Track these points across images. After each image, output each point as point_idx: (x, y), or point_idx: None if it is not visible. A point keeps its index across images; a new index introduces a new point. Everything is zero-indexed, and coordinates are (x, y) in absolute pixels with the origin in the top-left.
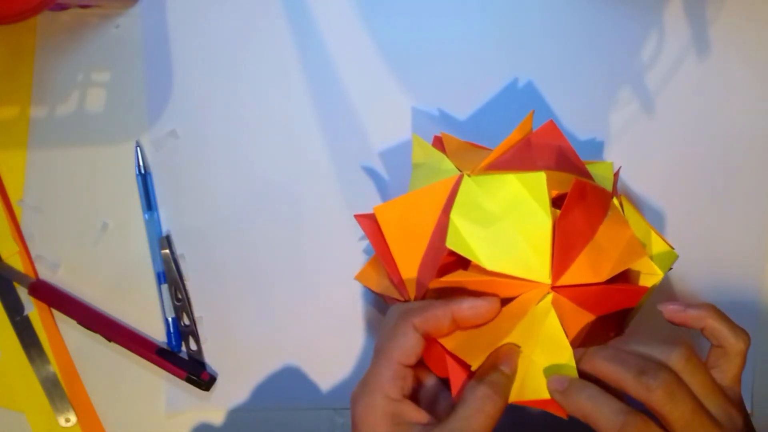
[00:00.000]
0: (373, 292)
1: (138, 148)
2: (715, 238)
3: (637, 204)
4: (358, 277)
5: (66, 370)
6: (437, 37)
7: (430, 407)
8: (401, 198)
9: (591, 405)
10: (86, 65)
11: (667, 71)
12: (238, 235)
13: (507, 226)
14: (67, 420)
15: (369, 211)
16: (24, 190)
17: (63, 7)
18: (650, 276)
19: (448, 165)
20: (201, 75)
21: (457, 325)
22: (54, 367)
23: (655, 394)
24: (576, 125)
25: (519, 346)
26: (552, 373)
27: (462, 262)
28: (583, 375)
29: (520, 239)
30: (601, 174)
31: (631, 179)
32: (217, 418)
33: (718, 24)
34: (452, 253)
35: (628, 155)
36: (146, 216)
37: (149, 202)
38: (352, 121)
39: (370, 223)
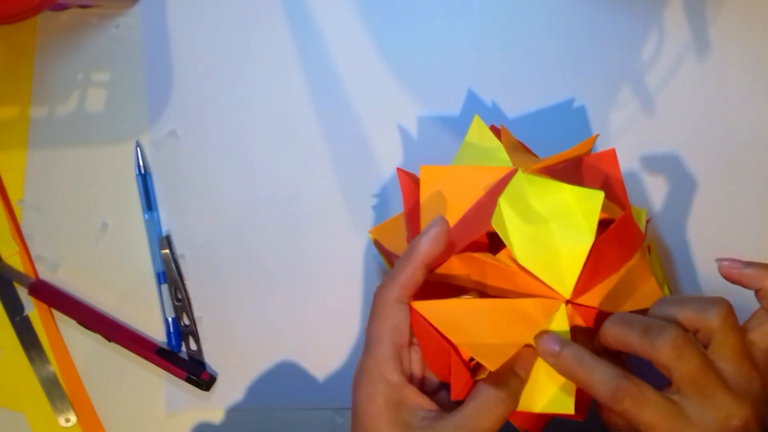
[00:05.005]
0: (381, 250)
1: (138, 148)
2: (715, 238)
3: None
4: (372, 232)
5: (66, 370)
6: (437, 36)
7: (433, 396)
8: (450, 167)
9: (584, 369)
10: (86, 65)
11: (667, 71)
12: (238, 234)
13: (549, 230)
14: (67, 420)
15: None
16: (24, 190)
17: (63, 7)
18: None
19: (503, 155)
20: (201, 75)
21: (430, 268)
22: (54, 367)
23: (662, 350)
24: (576, 125)
25: (536, 352)
26: (552, 393)
27: (490, 248)
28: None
29: (557, 247)
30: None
31: (631, 179)
32: (217, 418)
33: (718, 24)
34: (484, 236)
35: (628, 155)
36: (146, 216)
37: (149, 202)
38: (352, 120)
39: (408, 181)
